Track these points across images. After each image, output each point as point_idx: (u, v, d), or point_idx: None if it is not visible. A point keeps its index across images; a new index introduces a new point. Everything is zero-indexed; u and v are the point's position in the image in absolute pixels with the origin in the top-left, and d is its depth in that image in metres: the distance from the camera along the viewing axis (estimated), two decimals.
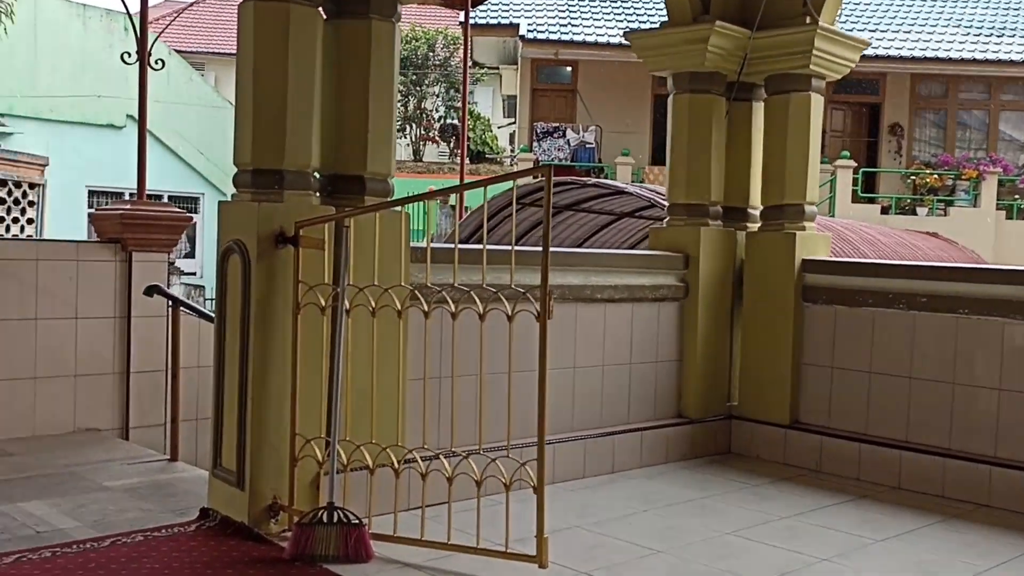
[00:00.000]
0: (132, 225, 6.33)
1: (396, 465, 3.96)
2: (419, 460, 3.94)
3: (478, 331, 3.81)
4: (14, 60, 18.40)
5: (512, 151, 25.02)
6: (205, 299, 18.13)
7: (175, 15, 17.70)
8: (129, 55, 6.84)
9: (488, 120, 27.99)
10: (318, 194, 4.36)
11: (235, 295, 4.17)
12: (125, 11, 6.93)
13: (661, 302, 5.96)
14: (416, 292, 3.99)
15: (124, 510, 4.45)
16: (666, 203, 6.46)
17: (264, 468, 4.11)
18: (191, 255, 20.92)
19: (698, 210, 6.10)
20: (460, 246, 4.14)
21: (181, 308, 5.74)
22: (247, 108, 4.20)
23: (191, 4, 26.33)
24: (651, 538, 4.37)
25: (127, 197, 11.03)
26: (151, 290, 5.70)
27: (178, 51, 22.22)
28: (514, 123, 25.13)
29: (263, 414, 4.11)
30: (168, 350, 6.36)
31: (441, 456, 3.89)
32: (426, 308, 3.93)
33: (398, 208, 4.39)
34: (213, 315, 6.24)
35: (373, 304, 4.00)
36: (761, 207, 6.24)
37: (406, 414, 4.26)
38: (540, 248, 3.75)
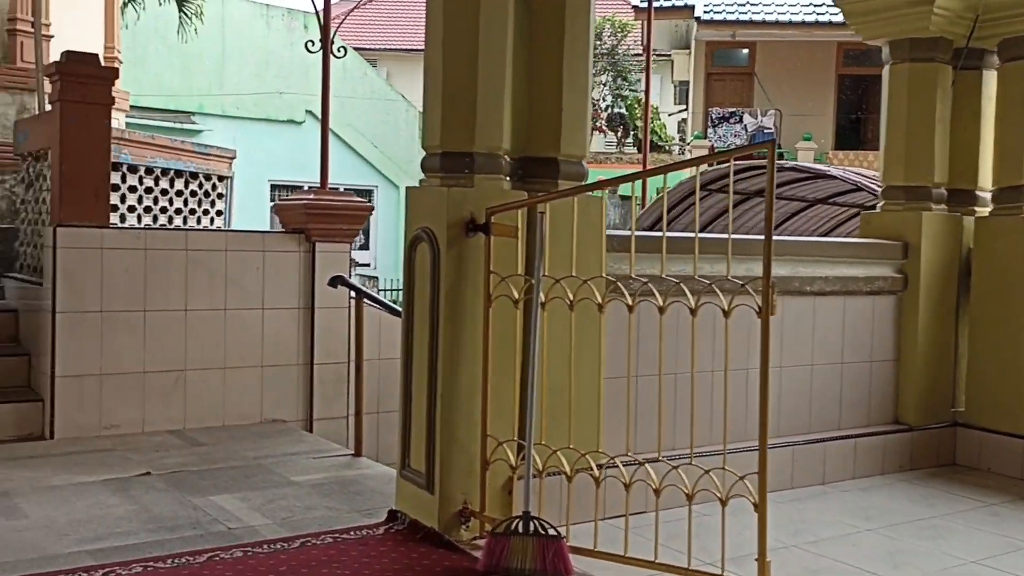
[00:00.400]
0: (316, 215, 6.27)
1: (597, 473, 3.63)
2: (622, 468, 3.59)
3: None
4: (204, 61, 19.26)
5: (683, 139, 24.30)
6: (379, 290, 18.45)
7: (350, 10, 18.02)
8: (313, 43, 6.82)
9: (656, 108, 27.33)
10: (509, 178, 4.07)
11: (423, 287, 3.95)
12: (313, 6, 6.88)
13: (876, 295, 5.38)
14: (619, 284, 3.64)
15: (311, 507, 4.32)
16: (876, 187, 5.86)
17: (454, 471, 3.87)
18: (365, 247, 21.40)
19: (919, 193, 5.48)
20: (668, 234, 3.75)
21: (364, 300, 5.61)
22: (436, 88, 3.96)
23: (366, 1, 26.97)
24: (880, 563, 3.86)
25: (305, 189, 11.25)
26: (335, 281, 5.61)
27: (352, 48, 22.75)
28: (685, 110, 24.40)
29: (453, 414, 3.87)
30: (351, 342, 6.30)
31: (647, 465, 3.52)
32: (630, 301, 3.57)
33: (596, 193, 4.05)
34: (396, 307, 6.13)
35: (571, 296, 3.67)
36: (993, 189, 5.54)
37: (603, 416, 3.92)
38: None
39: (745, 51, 21.07)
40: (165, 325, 5.86)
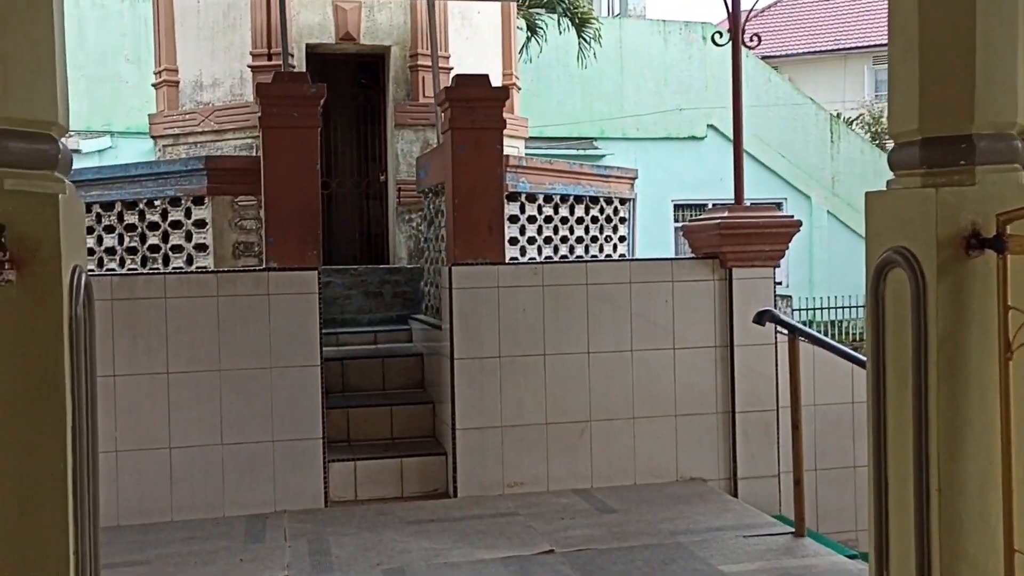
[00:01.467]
0: (731, 236, 5.30)
1: None
2: None
3: None
4: (603, 84, 19.18)
5: None
6: (792, 310, 16.99)
7: (747, 13, 16.88)
8: (721, 35, 5.88)
9: None
10: None
11: (900, 331, 2.78)
12: (725, 5, 5.94)
13: None
14: None
15: None
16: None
17: None
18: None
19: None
20: None
21: (800, 337, 4.51)
22: (909, 50, 2.79)
23: (767, 7, 25.60)
24: None
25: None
26: (763, 317, 4.55)
27: (752, 55, 21.51)
28: None
29: (957, 516, 2.65)
30: (779, 386, 5.23)
31: None
32: None
33: None
34: (839, 346, 4.94)
35: None
36: None
37: None
38: None
39: None
40: (567, 370, 5.22)
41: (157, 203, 6.43)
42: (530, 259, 6.84)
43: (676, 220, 19.26)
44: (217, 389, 4.82)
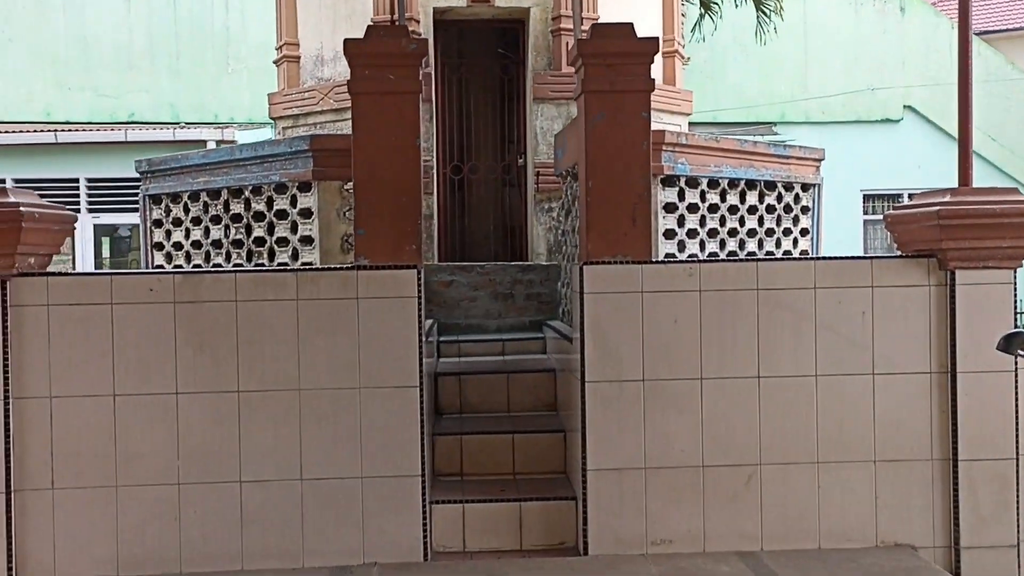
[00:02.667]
0: (956, 227, 4.00)
1: None
2: None
3: None
4: (784, 64, 17.51)
5: None
6: (1018, 313, 14.88)
7: None
8: None
9: None
10: None
11: None
12: None
13: None
14: None
15: None
16: None
17: None
18: None
19: None
20: None
21: None
22: None
23: None
24: None
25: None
26: (1012, 343, 3.21)
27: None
28: None
29: None
30: (1020, 429, 3.91)
31: None
32: None
33: None
34: None
35: None
36: None
37: None
38: None
39: None
40: (731, 399, 4.08)
41: (264, 190, 5.70)
42: (689, 256, 5.69)
43: (866, 213, 17.39)
44: (296, 412, 3.97)
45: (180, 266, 6.21)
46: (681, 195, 5.70)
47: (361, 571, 3.93)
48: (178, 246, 6.23)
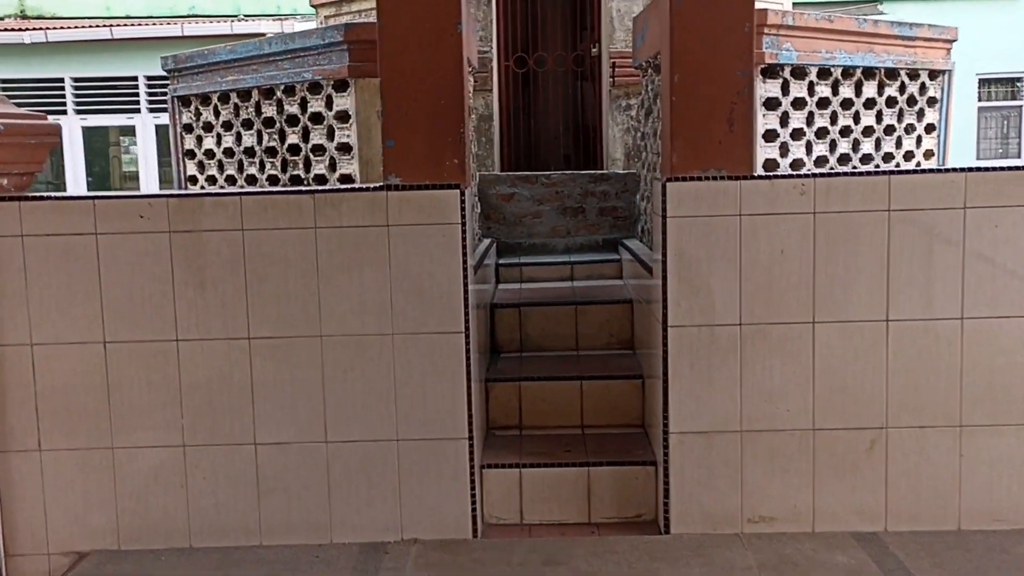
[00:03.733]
0: None
1: None
2: None
3: None
4: None
5: None
6: None
7: None
8: None
9: None
10: None
11: None
12: None
13: None
14: None
15: None
16: None
17: None
18: None
19: None
20: None
21: None
22: None
23: None
24: None
25: None
26: None
27: None
28: None
29: None
30: None
31: None
32: None
33: None
34: None
35: None
36: None
37: None
38: None
39: None
40: (850, 347, 3.27)
41: (296, 89, 4.96)
42: (794, 163, 4.79)
43: (980, 99, 15.85)
44: (317, 363, 3.31)
45: (213, 177, 5.56)
46: (785, 88, 4.77)
47: (398, 549, 3.32)
48: (210, 154, 5.57)
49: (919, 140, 5.39)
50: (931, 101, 5.46)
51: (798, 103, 4.82)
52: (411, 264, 3.27)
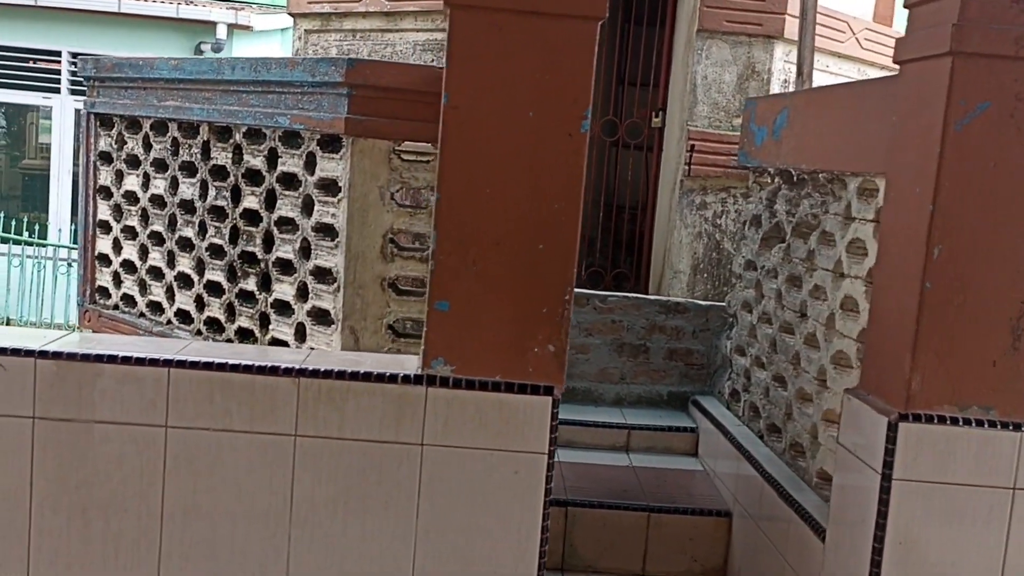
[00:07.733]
0: None
1: None
2: None
3: None
4: None
5: None
6: None
7: None
8: None
9: None
10: None
11: None
12: None
13: None
14: None
15: None
16: None
17: None
18: None
19: None
20: None
21: None
22: None
23: None
24: None
25: None
26: None
27: None
28: None
29: None
30: None
31: None
32: None
33: None
34: None
35: None
36: None
37: None
38: None
39: None
40: None
41: (265, 135, 3.53)
42: None
43: None
44: None
45: (132, 228, 4.08)
46: None
47: None
48: (132, 198, 4.09)
49: None
50: None
51: None
52: (455, 515, 1.89)
